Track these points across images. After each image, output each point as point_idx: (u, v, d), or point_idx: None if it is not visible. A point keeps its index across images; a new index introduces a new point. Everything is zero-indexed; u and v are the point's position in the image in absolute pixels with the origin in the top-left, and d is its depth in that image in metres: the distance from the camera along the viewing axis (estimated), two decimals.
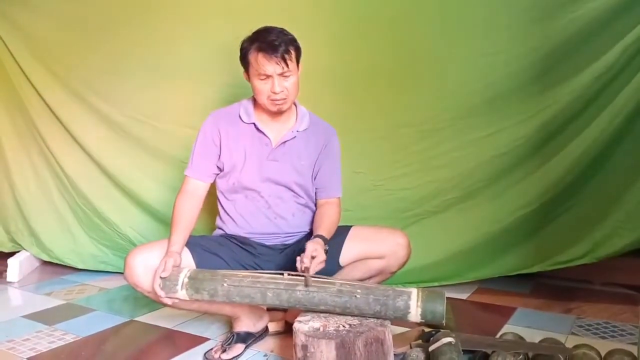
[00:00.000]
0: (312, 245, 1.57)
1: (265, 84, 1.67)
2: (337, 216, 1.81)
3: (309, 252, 1.54)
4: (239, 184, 1.77)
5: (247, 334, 1.76)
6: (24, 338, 1.89)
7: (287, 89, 1.68)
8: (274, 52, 1.63)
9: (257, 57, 1.65)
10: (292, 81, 1.69)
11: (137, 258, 1.60)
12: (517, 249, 2.20)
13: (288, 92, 1.69)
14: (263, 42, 1.65)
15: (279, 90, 1.67)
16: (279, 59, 1.63)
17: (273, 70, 1.65)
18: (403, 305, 1.43)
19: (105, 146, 2.55)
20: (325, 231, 1.70)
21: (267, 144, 1.77)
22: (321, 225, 1.74)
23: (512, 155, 2.12)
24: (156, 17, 2.41)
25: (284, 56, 1.64)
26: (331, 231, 1.74)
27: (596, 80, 1.97)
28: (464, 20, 2.09)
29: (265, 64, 1.64)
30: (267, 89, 1.67)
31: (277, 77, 1.66)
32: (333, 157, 1.86)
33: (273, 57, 1.63)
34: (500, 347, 1.52)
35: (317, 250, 1.56)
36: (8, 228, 2.79)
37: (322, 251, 1.58)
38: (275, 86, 1.66)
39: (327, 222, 1.75)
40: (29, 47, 2.63)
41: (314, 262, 1.53)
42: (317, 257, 1.54)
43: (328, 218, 1.77)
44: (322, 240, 1.64)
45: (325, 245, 1.64)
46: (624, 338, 1.76)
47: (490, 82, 2.09)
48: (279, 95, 1.68)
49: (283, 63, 1.64)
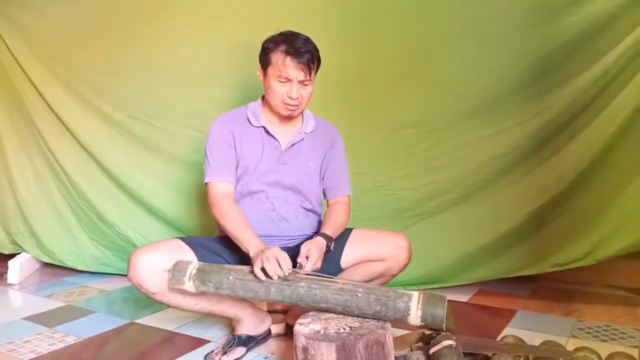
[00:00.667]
0: (307, 246, 1.59)
1: (284, 87, 1.68)
2: (345, 215, 1.82)
3: (303, 254, 1.57)
4: (247, 187, 1.77)
5: (249, 337, 1.76)
6: (25, 340, 1.89)
7: (302, 97, 1.70)
8: (301, 58, 1.65)
9: (285, 60, 1.66)
10: (308, 90, 1.72)
11: (141, 258, 1.60)
12: (516, 250, 2.21)
13: (303, 100, 1.71)
14: (291, 46, 1.66)
15: (295, 97, 1.68)
16: (305, 66, 1.66)
17: (296, 75, 1.66)
18: (403, 307, 1.43)
19: (107, 147, 2.56)
20: (330, 229, 1.71)
21: (277, 147, 1.78)
22: (327, 223, 1.75)
23: (512, 156, 2.14)
24: (158, 17, 2.42)
25: (310, 65, 1.67)
26: (338, 229, 1.75)
27: (595, 82, 1.98)
28: (463, 23, 2.11)
29: (291, 68, 1.65)
30: (284, 93, 1.68)
31: (297, 84, 1.68)
32: (339, 156, 1.87)
33: (300, 63, 1.65)
34: (501, 349, 1.53)
35: (310, 251, 1.57)
36: (9, 230, 2.79)
37: (317, 252, 1.59)
38: (292, 91, 1.67)
39: (333, 220, 1.76)
40: (30, 47, 2.63)
41: (309, 264, 1.55)
42: (311, 258, 1.56)
43: (335, 216, 1.78)
44: (324, 238, 1.65)
45: (329, 242, 1.65)
46: (624, 341, 1.76)
47: (490, 84, 2.11)
48: (293, 102, 1.69)
49: (307, 70, 1.66)
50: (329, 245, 1.66)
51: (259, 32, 1.77)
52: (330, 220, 1.76)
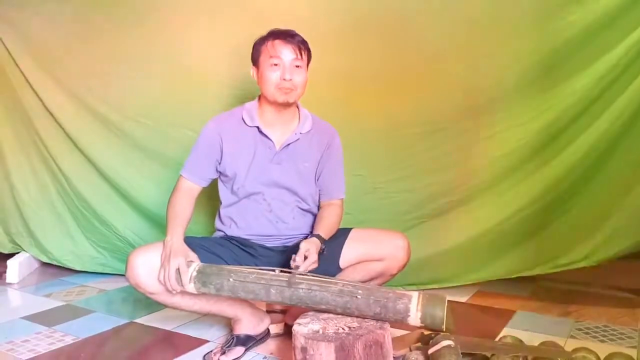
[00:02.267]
0: (306, 245, 1.59)
1: (276, 71, 1.69)
2: (337, 217, 1.82)
3: (302, 252, 1.56)
4: (243, 189, 1.77)
5: (248, 337, 1.76)
6: (24, 339, 1.89)
7: (296, 81, 1.71)
8: (291, 39, 1.70)
9: (274, 43, 1.70)
10: (302, 75, 1.73)
11: (139, 259, 1.60)
12: (516, 251, 2.20)
13: (297, 85, 1.71)
14: (280, 32, 1.72)
15: (288, 78, 1.69)
16: (295, 47, 1.70)
17: (287, 54, 1.69)
18: (403, 308, 1.43)
19: (105, 148, 2.55)
20: (323, 231, 1.71)
21: (270, 147, 1.78)
22: (320, 225, 1.75)
23: (513, 157, 2.13)
24: (155, 19, 2.41)
25: (300, 46, 1.70)
26: (330, 231, 1.74)
27: (598, 81, 1.97)
28: (465, 22, 2.10)
29: (281, 48, 1.69)
30: (277, 77, 1.69)
31: (290, 65, 1.69)
32: (335, 158, 1.87)
33: (289, 43, 1.70)
34: (500, 350, 1.53)
35: (309, 251, 1.57)
36: (8, 229, 2.79)
37: (315, 251, 1.59)
38: (285, 72, 1.69)
39: (326, 222, 1.76)
40: (28, 50, 2.62)
41: (306, 263, 1.54)
42: (309, 257, 1.56)
43: (328, 218, 1.78)
44: (318, 239, 1.65)
45: (322, 244, 1.65)
46: (623, 341, 1.76)
47: (491, 83, 2.10)
48: (287, 84, 1.69)
49: (298, 51, 1.70)
50: (323, 248, 1.66)
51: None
52: (323, 222, 1.76)
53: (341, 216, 1.84)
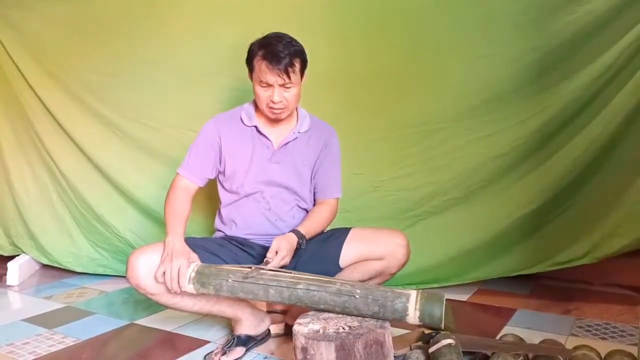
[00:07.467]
0: (278, 242, 1.63)
1: (266, 92, 1.69)
2: (327, 215, 1.83)
3: (273, 248, 1.61)
4: (242, 188, 1.78)
5: (248, 337, 1.76)
6: (24, 342, 1.89)
7: (286, 99, 1.70)
8: (277, 63, 1.64)
9: (261, 65, 1.66)
10: (292, 92, 1.71)
11: (140, 259, 1.60)
12: (516, 249, 2.20)
13: (287, 102, 1.71)
14: (269, 52, 1.65)
15: (277, 100, 1.68)
16: (281, 72, 1.64)
17: (274, 80, 1.66)
18: (401, 307, 1.43)
19: (104, 149, 2.55)
20: (305, 227, 1.74)
21: (268, 147, 1.78)
22: (305, 221, 1.78)
23: (511, 156, 2.13)
24: (156, 19, 2.41)
25: (287, 69, 1.65)
26: (315, 228, 1.77)
27: (595, 81, 1.98)
28: (463, 22, 2.10)
29: (267, 74, 1.65)
30: (267, 97, 1.69)
31: (278, 88, 1.68)
32: (332, 157, 1.87)
33: (275, 69, 1.64)
34: (500, 348, 1.53)
35: (280, 246, 1.61)
36: (8, 232, 2.79)
37: (287, 247, 1.62)
38: (274, 95, 1.68)
39: (311, 219, 1.78)
40: (27, 50, 2.62)
41: (277, 258, 1.59)
42: (280, 252, 1.60)
43: (315, 216, 1.80)
44: (295, 235, 1.67)
45: (301, 240, 1.68)
46: (624, 339, 1.76)
47: (489, 83, 2.11)
48: (277, 105, 1.70)
49: (285, 75, 1.65)
50: (300, 243, 1.67)
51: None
52: (310, 219, 1.79)
53: (334, 215, 1.85)
